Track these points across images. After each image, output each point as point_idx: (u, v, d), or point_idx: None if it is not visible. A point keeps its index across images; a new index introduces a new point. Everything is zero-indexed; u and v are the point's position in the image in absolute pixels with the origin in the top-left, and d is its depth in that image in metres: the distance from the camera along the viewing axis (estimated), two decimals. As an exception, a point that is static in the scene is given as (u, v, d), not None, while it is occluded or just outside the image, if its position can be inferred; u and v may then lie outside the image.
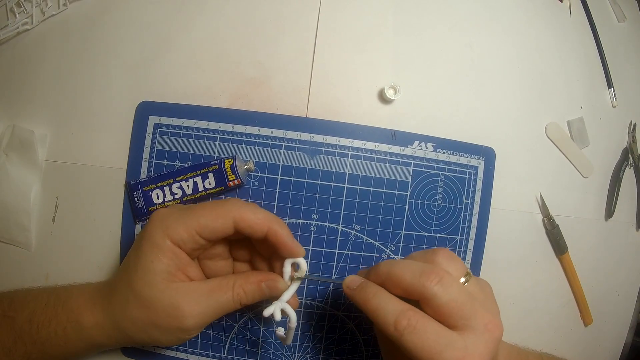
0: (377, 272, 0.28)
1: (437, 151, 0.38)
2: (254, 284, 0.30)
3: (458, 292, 0.26)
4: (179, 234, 0.29)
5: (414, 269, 0.26)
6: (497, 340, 0.26)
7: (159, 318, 0.29)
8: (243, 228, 0.29)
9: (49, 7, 0.38)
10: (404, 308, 0.26)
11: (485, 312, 0.26)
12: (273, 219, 0.30)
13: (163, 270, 0.29)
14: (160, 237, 0.29)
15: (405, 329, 0.25)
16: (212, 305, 0.29)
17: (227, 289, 0.30)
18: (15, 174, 0.38)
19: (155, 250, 0.29)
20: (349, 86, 0.38)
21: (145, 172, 0.37)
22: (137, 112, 0.37)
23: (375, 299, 0.27)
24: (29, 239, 0.38)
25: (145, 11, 0.38)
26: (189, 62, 0.37)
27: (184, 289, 0.29)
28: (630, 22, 0.49)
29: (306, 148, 0.36)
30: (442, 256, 0.28)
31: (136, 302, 0.29)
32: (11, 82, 0.39)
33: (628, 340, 0.49)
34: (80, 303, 0.31)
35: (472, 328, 0.25)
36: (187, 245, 0.29)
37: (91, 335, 0.30)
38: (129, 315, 0.29)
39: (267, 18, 0.38)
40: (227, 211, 0.29)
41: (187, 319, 0.29)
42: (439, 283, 0.25)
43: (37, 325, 0.30)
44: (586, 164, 0.44)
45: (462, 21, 0.41)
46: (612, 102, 0.46)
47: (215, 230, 0.29)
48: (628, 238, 0.47)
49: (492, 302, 0.29)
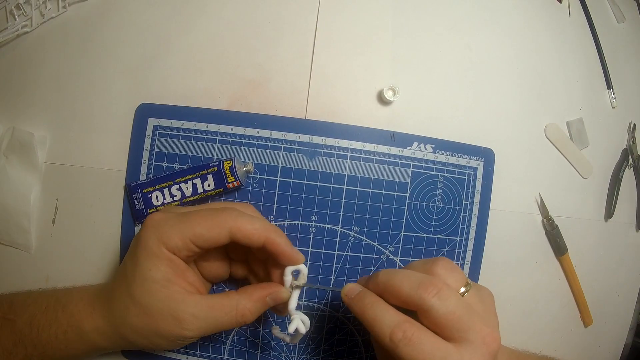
0: (375, 281, 0.28)
1: (436, 152, 0.38)
2: (260, 302, 0.30)
3: (456, 304, 0.26)
4: (174, 241, 0.29)
5: (412, 280, 0.26)
6: (494, 353, 0.26)
7: (159, 326, 0.29)
8: (240, 239, 0.29)
9: (48, 9, 0.39)
10: (400, 320, 0.26)
11: (483, 324, 0.26)
12: (270, 228, 0.29)
13: (161, 278, 0.29)
14: (155, 245, 0.29)
15: (400, 341, 0.25)
16: (212, 322, 0.29)
17: (230, 307, 0.29)
18: (15, 176, 0.38)
19: (152, 259, 0.29)
20: (348, 88, 0.38)
21: (144, 174, 0.37)
22: (137, 114, 0.37)
23: (372, 309, 0.27)
24: (28, 241, 0.38)
25: (145, 13, 0.38)
26: (188, 64, 0.37)
27: (183, 299, 0.29)
28: (629, 23, 0.49)
29: (305, 150, 0.37)
30: (441, 267, 0.28)
31: (136, 309, 0.29)
32: (11, 84, 0.39)
33: (628, 341, 0.49)
34: (80, 308, 0.31)
35: (469, 341, 0.25)
36: (182, 253, 0.29)
37: (92, 340, 0.30)
38: (129, 323, 0.29)
39: (266, 20, 0.38)
40: (223, 221, 0.29)
41: (186, 328, 0.28)
42: (436, 295, 0.25)
43: (38, 328, 0.30)
44: (586, 165, 0.44)
45: (461, 22, 0.41)
46: (612, 102, 0.46)
47: (210, 241, 0.29)
48: (628, 239, 0.47)
49: (491, 313, 0.29)
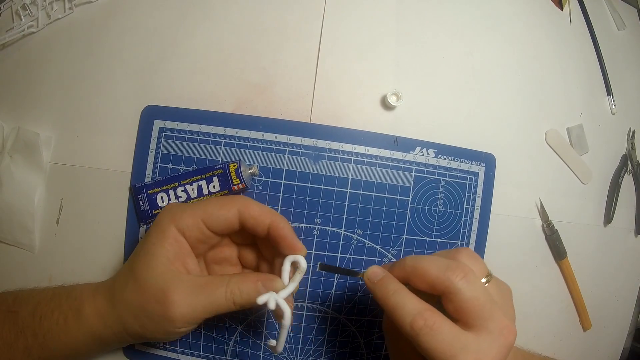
0: (402, 266, 0.28)
1: (438, 157, 0.39)
2: (251, 282, 0.30)
3: (481, 290, 0.26)
4: (184, 220, 0.30)
5: (439, 263, 0.27)
6: (511, 346, 0.26)
7: (148, 302, 0.29)
8: (247, 219, 0.30)
9: (54, 10, 0.39)
10: (422, 308, 0.26)
11: (503, 316, 0.26)
12: (276, 214, 0.31)
13: (162, 254, 0.29)
14: (166, 224, 0.30)
15: (421, 329, 0.25)
16: (203, 300, 0.29)
17: (221, 284, 0.29)
18: (20, 176, 0.38)
19: (159, 236, 0.30)
20: (352, 92, 0.38)
21: (150, 175, 0.37)
22: (143, 116, 0.37)
23: (395, 296, 0.27)
24: (32, 241, 0.38)
25: (151, 16, 0.39)
26: (194, 68, 0.38)
27: (178, 278, 0.29)
28: (629, 30, 0.49)
29: (310, 153, 0.37)
30: (464, 255, 0.28)
31: (133, 284, 0.30)
32: (16, 84, 0.39)
33: (626, 345, 0.49)
34: (84, 291, 0.32)
35: (488, 330, 0.25)
36: (192, 233, 0.30)
37: (90, 324, 0.30)
38: (125, 298, 0.30)
39: (271, 25, 0.38)
40: (232, 201, 0.31)
41: (173, 308, 0.28)
42: (464, 278, 0.26)
43: (40, 316, 0.30)
44: (585, 171, 0.44)
45: (463, 29, 0.41)
46: (611, 109, 0.46)
47: (220, 219, 0.30)
48: (627, 244, 0.48)
49: (509, 306, 0.29)
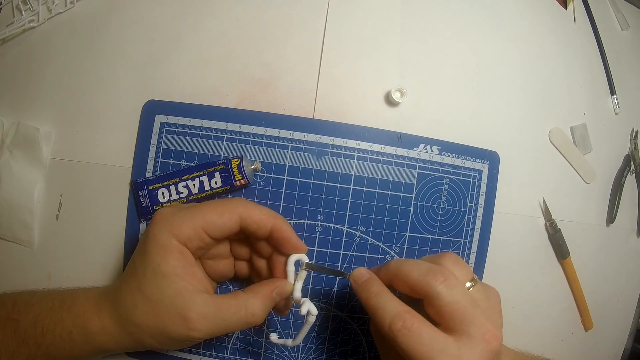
0: (387, 269, 0.29)
1: (442, 154, 0.38)
2: (267, 298, 0.30)
3: (461, 295, 0.26)
4: (185, 231, 0.29)
5: (421, 267, 0.27)
6: (494, 352, 0.26)
7: (166, 326, 0.28)
8: (249, 224, 0.30)
9: (55, 4, 0.38)
10: (401, 310, 0.26)
11: (486, 321, 0.26)
12: (277, 216, 0.31)
13: (171, 272, 0.28)
14: (165, 238, 0.28)
15: (399, 330, 0.25)
16: (221, 324, 0.29)
17: (239, 308, 0.29)
18: (19, 171, 0.37)
19: (161, 252, 0.28)
20: (356, 89, 0.38)
21: (150, 170, 0.37)
22: (144, 110, 0.37)
23: (377, 297, 0.27)
24: (31, 237, 0.37)
25: (153, 11, 0.38)
26: (197, 62, 0.37)
27: (193, 299, 0.28)
28: (633, 30, 0.49)
29: (313, 149, 0.37)
30: (448, 259, 0.28)
31: (144, 307, 0.28)
32: (17, 79, 0.39)
33: (628, 346, 0.49)
34: (87, 308, 0.30)
35: (469, 335, 0.25)
36: (193, 244, 0.29)
37: (98, 341, 0.30)
38: (137, 322, 0.28)
39: (275, 20, 0.38)
40: (233, 207, 0.30)
41: (194, 332, 0.28)
42: (443, 283, 0.26)
43: (42, 328, 0.29)
44: (589, 170, 0.44)
45: (468, 27, 0.41)
46: (615, 109, 0.46)
47: (222, 227, 0.29)
48: (629, 244, 0.48)
49: (495, 312, 0.29)
